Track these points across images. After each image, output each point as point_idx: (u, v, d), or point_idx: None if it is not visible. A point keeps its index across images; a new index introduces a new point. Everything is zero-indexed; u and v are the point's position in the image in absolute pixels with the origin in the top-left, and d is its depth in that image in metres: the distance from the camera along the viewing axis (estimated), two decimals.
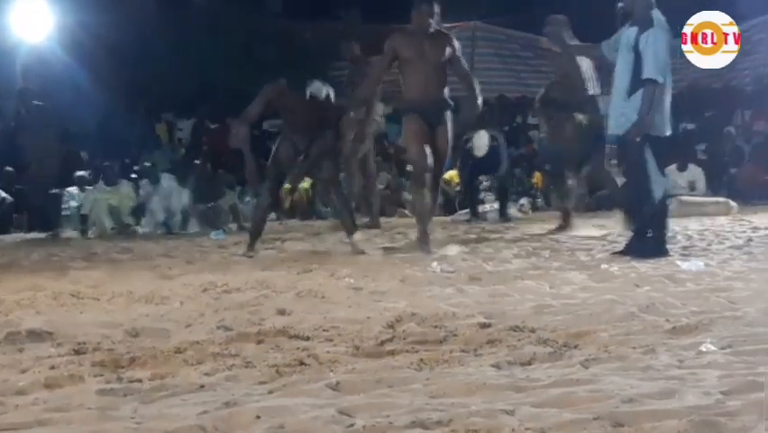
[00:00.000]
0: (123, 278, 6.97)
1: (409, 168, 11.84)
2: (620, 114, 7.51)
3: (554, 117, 10.98)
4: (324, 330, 4.42)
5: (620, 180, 8.54)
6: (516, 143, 18.05)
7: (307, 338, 4.27)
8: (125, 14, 18.57)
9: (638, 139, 7.37)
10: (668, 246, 7.66)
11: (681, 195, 14.09)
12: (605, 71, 9.63)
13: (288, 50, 21.71)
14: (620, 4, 7.74)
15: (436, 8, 8.48)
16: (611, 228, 9.81)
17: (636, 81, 7.42)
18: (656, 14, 7.56)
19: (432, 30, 8.44)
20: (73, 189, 13.83)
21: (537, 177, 16.69)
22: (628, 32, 7.54)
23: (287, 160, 8.81)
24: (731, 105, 18.84)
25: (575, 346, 3.92)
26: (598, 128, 9.06)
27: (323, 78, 9.41)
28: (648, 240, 7.57)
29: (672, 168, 14.91)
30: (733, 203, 13.32)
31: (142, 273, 7.32)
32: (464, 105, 9.29)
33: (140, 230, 12.86)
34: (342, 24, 21.48)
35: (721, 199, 13.72)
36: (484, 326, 4.39)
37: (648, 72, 7.35)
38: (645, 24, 7.46)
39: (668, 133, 7.61)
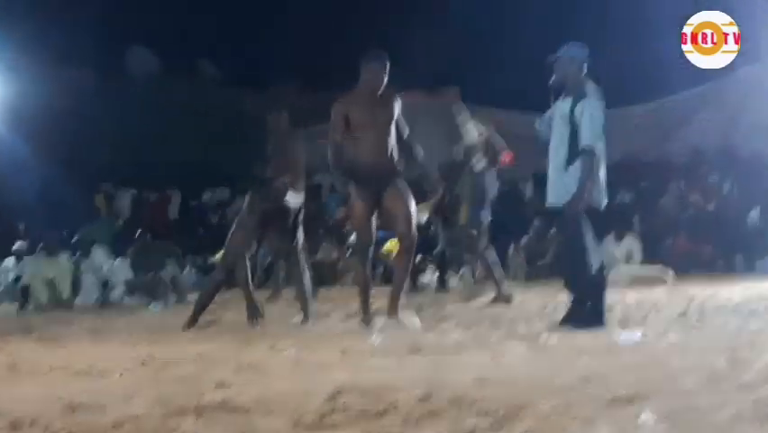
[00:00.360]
0: (60, 351, 6.88)
1: (352, 239, 11.77)
2: (560, 186, 7.55)
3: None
4: (264, 403, 4.39)
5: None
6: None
7: (247, 411, 4.23)
8: (65, 86, 18.56)
9: (579, 209, 7.44)
10: (605, 317, 7.72)
11: (618, 265, 14.28)
12: None
13: (229, 119, 21.81)
14: (552, 79, 7.74)
15: (387, 65, 7.99)
16: (550, 298, 9.89)
17: (574, 152, 7.45)
18: (590, 85, 7.62)
19: (381, 91, 7.95)
20: (9, 262, 13.69)
21: None
22: (562, 105, 7.58)
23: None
24: (666, 177, 19.17)
25: (516, 418, 3.92)
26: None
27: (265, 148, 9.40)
28: (586, 311, 7.62)
29: (609, 238, 15.12)
30: (670, 272, 13.50)
31: (81, 346, 7.23)
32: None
33: (76, 302, 12.73)
34: (279, 92, 21.70)
35: (657, 269, 13.89)
36: (425, 398, 4.38)
37: (586, 140, 7.38)
38: (579, 95, 7.50)
39: (604, 203, 7.67)
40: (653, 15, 16.39)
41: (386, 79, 7.92)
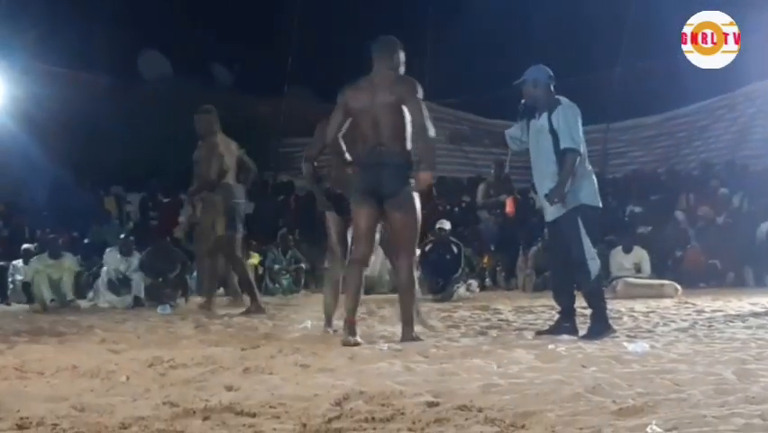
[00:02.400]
0: (68, 352, 6.89)
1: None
2: (544, 188, 7.73)
3: None
4: (271, 407, 4.39)
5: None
6: (466, 223, 18.19)
7: (254, 415, 4.24)
8: (77, 89, 18.60)
9: (557, 201, 7.55)
10: (613, 325, 7.79)
11: (627, 277, 14.25)
12: None
13: (240, 124, 21.82)
14: (522, 102, 7.91)
15: (391, 49, 7.46)
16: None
17: (560, 153, 7.61)
18: (562, 99, 7.76)
19: (384, 75, 7.39)
20: (18, 263, 13.72)
21: (486, 258, 16.83)
22: (539, 123, 7.74)
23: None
24: (676, 190, 19.14)
25: (522, 426, 3.92)
26: None
27: (275, 152, 9.45)
28: (593, 321, 7.68)
29: (618, 249, 15.11)
30: (678, 286, 13.47)
31: (88, 347, 7.24)
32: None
33: (82, 304, 12.75)
34: (291, 100, 21.73)
35: (666, 282, 13.86)
36: (432, 404, 4.39)
37: (565, 143, 7.54)
38: (553, 107, 7.66)
39: (599, 204, 7.80)
40: (664, 27, 16.37)
41: (392, 64, 7.40)
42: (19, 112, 16.71)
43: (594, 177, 7.85)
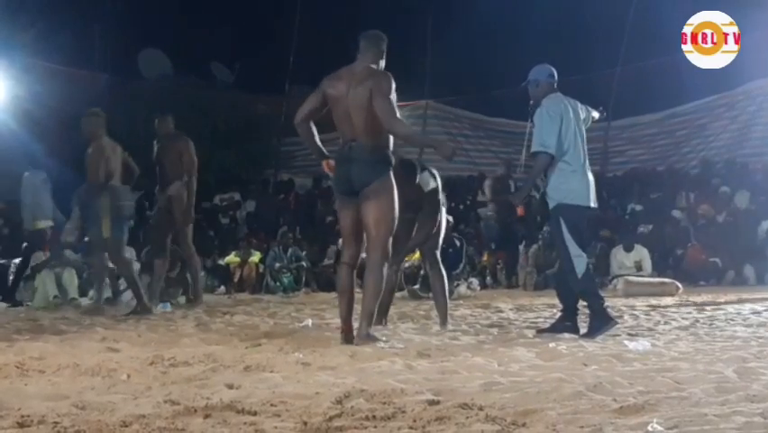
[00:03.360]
0: (69, 350, 6.88)
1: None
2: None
3: None
4: (272, 405, 4.39)
5: None
6: (466, 222, 18.21)
7: (255, 413, 4.23)
8: (77, 87, 18.59)
9: (516, 203, 7.77)
10: (611, 314, 7.81)
11: (628, 275, 14.26)
12: None
13: (240, 123, 21.84)
14: (531, 102, 7.97)
15: (372, 42, 7.38)
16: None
17: (531, 155, 7.83)
18: (548, 99, 7.82)
19: (361, 68, 7.25)
20: (19, 261, 13.69)
21: (486, 256, 16.85)
22: None
23: None
24: (676, 188, 19.14)
25: (523, 425, 3.92)
26: None
27: (275, 151, 9.43)
28: (593, 316, 7.68)
29: (619, 248, 15.13)
30: (679, 284, 13.49)
31: (89, 345, 7.23)
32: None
33: (84, 302, 12.74)
34: (291, 99, 21.69)
35: (667, 280, 13.88)
36: (432, 403, 4.38)
37: (533, 146, 7.72)
38: (537, 108, 7.83)
39: (589, 204, 7.77)
40: (664, 26, 16.37)
41: (373, 58, 7.26)
42: (19, 110, 16.69)
43: (587, 175, 7.81)
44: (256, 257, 16.56)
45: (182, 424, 4.01)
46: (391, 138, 7.13)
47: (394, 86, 7.04)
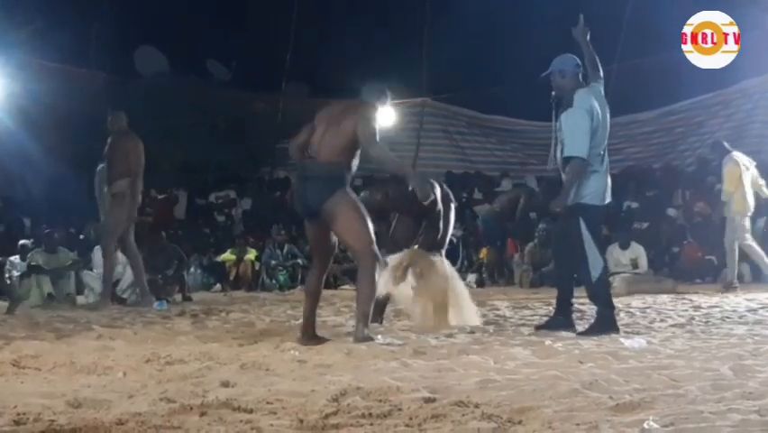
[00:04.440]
0: (65, 348, 6.88)
1: None
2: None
3: None
4: (267, 403, 4.39)
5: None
6: (462, 219, 18.19)
7: (251, 411, 4.23)
8: (74, 84, 18.57)
9: (558, 210, 7.58)
10: (617, 321, 7.76)
11: (624, 273, 14.26)
12: None
13: (237, 120, 21.81)
14: (553, 94, 7.79)
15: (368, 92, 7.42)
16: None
17: (563, 160, 7.59)
18: (579, 95, 7.60)
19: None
20: (15, 258, 13.68)
21: (483, 252, 16.85)
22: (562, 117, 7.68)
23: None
24: (672, 185, 19.14)
25: (519, 422, 3.92)
26: None
27: (271, 149, 9.42)
28: (598, 317, 7.65)
29: (615, 245, 15.11)
30: (675, 281, 13.50)
31: (85, 343, 7.23)
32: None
33: (79, 300, 12.73)
34: (288, 96, 21.70)
35: (663, 278, 13.88)
36: (429, 400, 4.39)
37: (567, 151, 7.50)
38: (567, 106, 7.60)
39: (604, 202, 7.68)
40: (661, 24, 16.36)
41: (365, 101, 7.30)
42: (15, 107, 16.67)
43: (604, 174, 7.66)
44: (252, 255, 16.55)
45: (178, 422, 4.01)
46: (354, 162, 7.10)
47: (378, 114, 7.15)
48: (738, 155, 13.21)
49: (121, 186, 11.38)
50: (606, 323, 7.54)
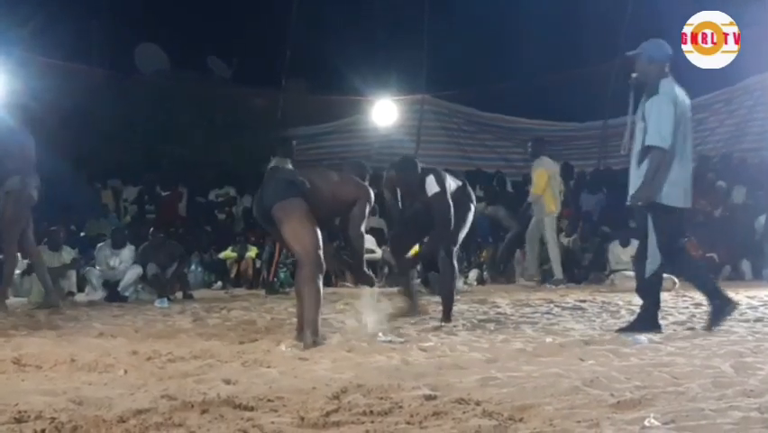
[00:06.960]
0: (66, 345, 6.87)
1: None
2: (633, 183, 7.46)
3: None
4: (269, 400, 4.39)
5: None
6: None
7: (252, 408, 4.24)
8: (74, 81, 18.55)
9: (640, 204, 7.39)
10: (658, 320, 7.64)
11: (625, 270, 14.25)
12: None
13: (237, 117, 21.80)
14: (633, 75, 7.61)
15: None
16: (557, 301, 9.90)
17: (644, 149, 7.34)
18: (664, 84, 7.45)
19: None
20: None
21: (484, 255, 16.81)
22: (642, 105, 7.45)
23: None
24: None
25: (520, 420, 3.92)
26: None
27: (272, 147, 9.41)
28: (642, 315, 7.59)
29: (616, 243, 15.10)
30: (675, 279, 13.47)
31: (86, 341, 7.23)
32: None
33: (79, 298, 12.73)
34: (288, 93, 21.68)
35: (664, 275, 13.85)
36: (429, 398, 4.39)
37: (649, 139, 7.27)
38: (652, 93, 7.38)
39: (683, 204, 7.47)
40: (661, 24, 16.36)
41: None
42: (16, 105, 16.64)
43: (683, 173, 7.40)
44: (253, 252, 16.53)
45: (179, 419, 4.01)
46: (335, 212, 7.19)
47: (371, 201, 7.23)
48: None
49: (13, 183, 11.23)
50: (649, 320, 7.47)
